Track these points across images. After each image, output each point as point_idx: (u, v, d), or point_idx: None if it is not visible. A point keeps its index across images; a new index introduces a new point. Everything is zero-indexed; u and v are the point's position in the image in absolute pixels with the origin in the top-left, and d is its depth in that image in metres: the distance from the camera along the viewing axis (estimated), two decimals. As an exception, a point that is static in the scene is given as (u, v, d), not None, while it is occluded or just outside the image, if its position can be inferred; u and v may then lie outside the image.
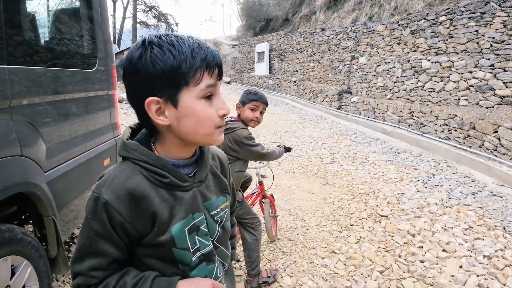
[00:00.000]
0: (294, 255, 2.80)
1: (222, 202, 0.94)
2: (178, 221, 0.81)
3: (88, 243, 0.77)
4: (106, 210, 0.75)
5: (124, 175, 0.79)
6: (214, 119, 0.80)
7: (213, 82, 0.79)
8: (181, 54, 0.76)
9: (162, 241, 0.80)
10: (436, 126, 6.57)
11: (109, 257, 0.78)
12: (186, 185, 0.84)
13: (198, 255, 0.86)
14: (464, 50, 7.22)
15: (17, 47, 1.70)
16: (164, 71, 0.76)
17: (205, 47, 0.80)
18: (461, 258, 2.74)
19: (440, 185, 4.38)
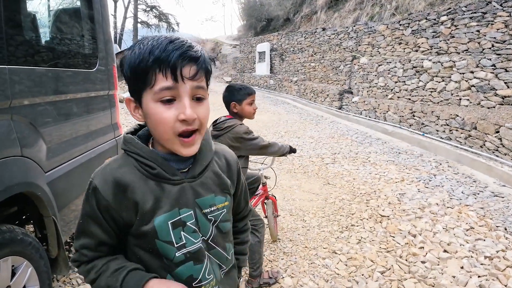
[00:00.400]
0: (295, 256, 2.80)
1: (219, 201, 0.92)
2: (162, 213, 0.82)
3: (81, 222, 0.84)
4: (95, 194, 0.81)
5: (115, 164, 0.84)
6: (171, 124, 0.77)
7: (170, 85, 0.75)
8: (142, 52, 0.76)
9: (145, 231, 0.81)
10: (437, 126, 6.56)
11: (96, 239, 0.83)
12: (175, 178, 0.84)
13: (183, 251, 0.85)
14: (466, 50, 7.21)
15: (17, 47, 1.70)
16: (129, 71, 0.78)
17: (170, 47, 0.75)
18: (462, 258, 2.73)
19: (441, 185, 4.37)
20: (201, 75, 0.80)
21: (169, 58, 0.74)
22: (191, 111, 0.77)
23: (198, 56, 0.78)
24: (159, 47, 0.75)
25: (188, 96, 0.77)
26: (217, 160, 0.96)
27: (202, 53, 0.80)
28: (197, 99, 0.80)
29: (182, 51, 0.75)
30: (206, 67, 0.81)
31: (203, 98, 0.82)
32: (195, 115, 0.78)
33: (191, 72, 0.77)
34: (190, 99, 0.78)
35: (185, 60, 0.76)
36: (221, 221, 0.93)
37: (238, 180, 1.02)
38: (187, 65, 0.76)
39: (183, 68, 0.75)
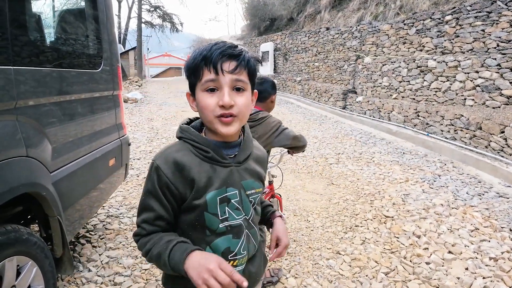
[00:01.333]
0: (299, 256, 2.79)
1: (257, 186, 1.07)
2: (213, 190, 0.96)
3: (143, 199, 0.99)
4: (156, 173, 0.96)
5: (174, 148, 1.00)
6: (212, 108, 0.93)
7: (212, 77, 0.92)
8: (195, 53, 0.96)
9: (197, 204, 0.96)
10: (442, 126, 6.53)
11: (155, 212, 0.97)
12: (224, 161, 1.00)
13: (225, 224, 0.99)
14: (470, 49, 7.17)
15: (22, 47, 1.70)
16: (186, 70, 0.99)
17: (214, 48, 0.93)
18: (467, 260, 2.72)
19: (446, 186, 4.35)
20: (241, 70, 0.94)
21: (212, 56, 0.91)
22: (228, 98, 0.91)
23: (238, 54, 0.94)
24: (206, 49, 0.94)
25: (228, 87, 0.92)
26: (255, 152, 1.12)
27: (243, 52, 0.96)
28: (237, 90, 0.95)
29: (222, 50, 0.92)
30: (247, 64, 0.96)
31: (243, 89, 0.96)
32: (232, 102, 0.92)
33: (231, 66, 0.92)
34: (230, 89, 0.93)
35: (224, 57, 0.92)
36: (257, 204, 1.10)
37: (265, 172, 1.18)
38: (226, 61, 0.92)
39: (223, 63, 0.92)
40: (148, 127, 7.97)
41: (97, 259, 2.64)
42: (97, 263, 2.59)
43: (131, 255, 2.72)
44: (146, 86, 18.33)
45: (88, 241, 2.88)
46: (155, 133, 7.29)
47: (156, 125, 8.16)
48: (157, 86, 18.71)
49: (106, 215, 3.37)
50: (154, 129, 7.70)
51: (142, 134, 7.14)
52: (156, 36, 26.80)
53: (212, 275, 0.82)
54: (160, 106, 11.52)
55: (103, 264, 2.59)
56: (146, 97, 13.56)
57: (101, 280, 2.40)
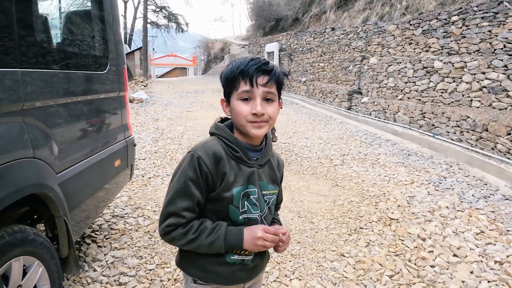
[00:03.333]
0: (303, 258, 2.79)
1: (271, 188, 1.21)
2: (239, 185, 1.11)
3: (183, 186, 1.07)
4: (198, 162, 1.07)
5: (213, 142, 1.12)
6: (245, 114, 1.07)
7: (248, 89, 1.06)
8: (233, 67, 1.10)
9: (225, 197, 1.09)
10: (448, 127, 6.49)
11: (196, 198, 1.07)
12: (250, 162, 1.14)
13: (244, 216, 1.12)
14: (477, 50, 7.12)
15: (29, 49, 1.72)
16: (224, 79, 1.13)
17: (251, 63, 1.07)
18: (472, 263, 2.70)
19: (451, 188, 4.32)
20: (271, 83, 1.08)
21: (249, 70, 1.06)
22: (260, 108, 1.06)
23: (270, 70, 1.08)
24: (243, 63, 1.08)
25: (260, 98, 1.07)
26: (273, 159, 1.26)
27: (274, 69, 1.09)
28: (267, 100, 1.09)
29: (258, 66, 1.06)
30: (277, 78, 1.10)
31: (272, 100, 1.10)
32: (264, 111, 1.07)
33: (263, 80, 1.07)
34: (262, 100, 1.07)
35: (259, 72, 1.06)
36: (272, 204, 1.23)
37: (281, 179, 1.32)
38: (261, 75, 1.07)
39: (257, 77, 1.06)
40: (153, 127, 8.00)
41: (102, 259, 2.66)
42: (102, 263, 2.61)
43: (136, 255, 2.73)
44: (152, 86, 18.39)
45: (94, 241, 2.90)
46: (160, 133, 7.31)
47: (161, 125, 8.19)
48: (163, 86, 18.76)
49: (111, 215, 3.39)
50: (159, 129, 7.72)
51: (147, 134, 7.16)
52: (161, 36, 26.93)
53: (264, 239, 1.07)
54: (165, 106, 11.56)
55: (108, 264, 2.61)
56: (152, 97, 13.61)
57: (106, 280, 2.42)
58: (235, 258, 1.14)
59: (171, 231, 1.07)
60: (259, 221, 1.16)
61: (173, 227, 1.07)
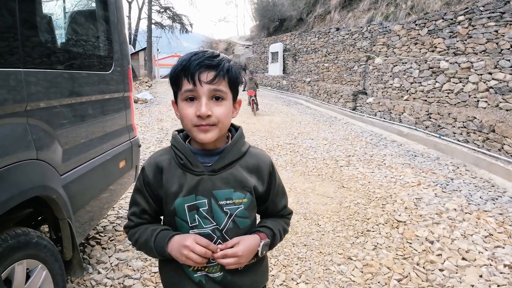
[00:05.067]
0: (310, 261, 2.75)
1: (237, 197, 1.04)
2: (181, 196, 1.00)
3: (132, 194, 1.10)
4: (142, 173, 1.06)
5: (159, 152, 1.09)
6: (190, 117, 0.95)
7: (190, 87, 0.94)
8: (177, 63, 0.98)
9: (169, 209, 1.03)
10: (454, 128, 6.43)
11: (140, 207, 1.07)
12: (196, 170, 1.01)
13: (195, 231, 1.02)
14: (483, 50, 7.06)
15: (33, 49, 1.69)
16: (170, 78, 1.02)
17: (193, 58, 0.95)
18: (481, 267, 2.65)
19: (459, 190, 4.27)
20: (219, 80, 0.95)
21: (190, 66, 0.94)
22: (205, 109, 0.93)
23: (216, 64, 0.94)
24: (186, 59, 0.96)
25: (206, 97, 0.94)
26: (247, 161, 1.08)
27: (222, 62, 0.96)
28: (216, 99, 0.96)
29: (200, 61, 0.93)
30: (226, 73, 0.96)
31: (222, 98, 0.97)
32: (209, 112, 0.94)
33: (208, 77, 0.93)
34: (208, 99, 0.94)
35: (202, 67, 0.93)
36: (238, 216, 1.04)
37: (270, 182, 1.13)
38: (204, 71, 0.93)
39: (200, 74, 0.93)
40: (157, 127, 7.99)
41: (107, 261, 2.63)
42: (107, 265, 2.58)
43: (140, 257, 2.71)
44: (156, 86, 18.42)
45: (98, 243, 2.88)
46: (165, 134, 7.30)
47: (165, 126, 8.18)
48: (167, 86, 18.70)
49: (116, 217, 3.37)
50: (163, 130, 7.71)
51: (151, 135, 7.15)
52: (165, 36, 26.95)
53: (190, 249, 0.94)
54: (170, 106, 11.53)
55: (113, 266, 2.58)
56: (156, 98, 13.62)
57: (110, 282, 2.39)
58: (198, 276, 1.04)
59: (126, 233, 1.11)
60: (218, 237, 1.02)
61: (127, 229, 1.10)
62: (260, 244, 1.05)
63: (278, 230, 1.14)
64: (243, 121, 9.14)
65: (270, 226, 1.12)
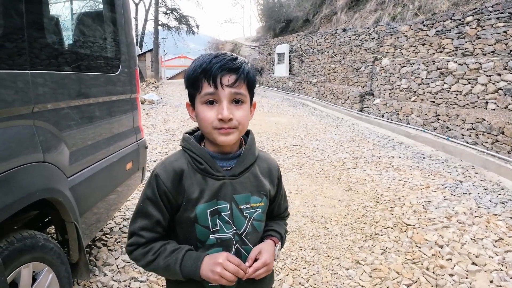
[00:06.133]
0: (317, 265, 2.71)
1: (254, 201, 1.04)
2: (203, 202, 0.97)
3: (141, 205, 1.00)
4: (156, 181, 0.99)
5: (174, 157, 1.03)
6: (211, 120, 0.94)
7: (212, 91, 0.92)
8: (195, 65, 0.95)
9: (189, 216, 0.98)
10: (462, 130, 6.36)
11: (154, 219, 0.98)
12: (217, 174, 1.00)
13: (216, 236, 1.00)
14: (492, 51, 6.98)
15: (40, 51, 1.68)
16: (186, 81, 0.99)
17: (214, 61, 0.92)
18: (492, 272, 2.61)
19: (468, 193, 4.21)
20: (240, 83, 0.94)
21: (211, 69, 0.91)
22: (227, 112, 0.92)
23: (237, 67, 0.93)
24: (206, 61, 0.93)
25: (227, 100, 0.93)
26: (260, 165, 1.09)
27: (242, 65, 0.95)
28: (236, 102, 0.95)
29: (222, 63, 0.92)
30: (246, 77, 0.96)
31: (242, 102, 0.97)
32: (231, 115, 0.93)
33: (230, 80, 0.93)
34: (229, 102, 0.94)
35: (224, 71, 0.92)
36: (255, 219, 1.05)
37: (279, 186, 1.16)
38: (226, 74, 0.92)
39: (222, 77, 0.92)
40: (164, 128, 7.99)
41: (113, 263, 2.62)
42: (113, 267, 2.57)
43: (146, 260, 2.69)
44: (162, 87, 18.47)
45: (105, 245, 2.87)
46: (171, 135, 7.29)
47: (172, 127, 8.17)
48: (173, 87, 18.82)
49: (122, 218, 3.36)
50: (170, 131, 7.71)
51: (158, 136, 7.16)
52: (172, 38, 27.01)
53: (224, 267, 0.91)
54: (176, 107, 11.55)
55: (119, 268, 2.57)
56: (163, 99, 13.64)
57: (116, 285, 2.38)
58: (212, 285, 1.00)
59: (133, 251, 1.00)
60: (236, 241, 1.02)
61: (135, 246, 1.00)
62: (276, 248, 1.09)
63: (284, 233, 1.19)
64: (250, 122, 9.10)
65: (277, 230, 1.16)
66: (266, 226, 1.15)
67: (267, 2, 27.11)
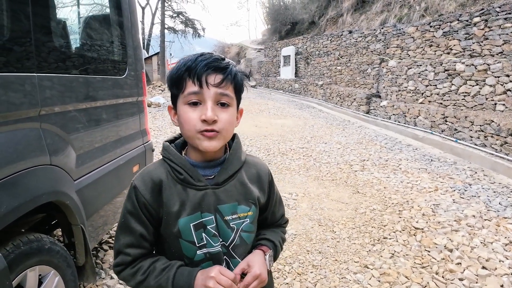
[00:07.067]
0: (325, 269, 2.68)
1: (242, 210, 0.97)
2: (186, 215, 0.91)
3: (123, 221, 0.93)
4: (135, 193, 0.92)
5: (152, 167, 0.96)
6: (194, 123, 0.87)
7: (196, 90, 0.87)
8: (180, 63, 0.91)
9: (171, 231, 0.91)
10: (471, 132, 6.29)
11: (137, 234, 0.92)
12: (199, 184, 0.93)
13: (204, 251, 0.93)
14: (500, 52, 6.92)
15: (46, 54, 1.69)
16: (169, 80, 0.93)
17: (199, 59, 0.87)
18: (502, 276, 2.56)
19: (477, 195, 4.15)
20: (227, 84, 0.89)
21: (196, 67, 0.86)
22: (212, 113, 0.86)
23: (224, 67, 0.88)
24: (191, 59, 0.88)
25: (212, 101, 0.87)
26: (247, 170, 1.02)
27: (230, 66, 0.90)
28: (222, 105, 0.89)
29: (208, 62, 0.87)
30: (234, 78, 0.90)
31: (228, 105, 0.90)
32: (215, 117, 0.87)
33: (216, 80, 0.87)
34: (214, 104, 0.88)
35: (210, 69, 0.87)
36: (243, 230, 0.98)
37: (270, 192, 1.08)
38: (212, 73, 0.87)
39: (208, 76, 0.87)
40: (170, 131, 8.01)
41: (119, 266, 2.61)
42: (119, 271, 2.56)
43: (153, 263, 2.68)
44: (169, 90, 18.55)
45: (111, 247, 2.86)
46: (177, 138, 7.31)
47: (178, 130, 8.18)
48: (179, 90, 18.87)
49: (128, 221, 3.35)
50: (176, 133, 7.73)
51: (164, 139, 7.17)
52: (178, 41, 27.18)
53: (217, 281, 0.85)
54: (182, 110, 11.61)
55: (125, 271, 2.56)
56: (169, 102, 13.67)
57: (122, 288, 2.38)
58: None
59: (121, 271, 0.93)
60: (224, 254, 0.96)
61: (122, 266, 0.93)
62: (266, 258, 1.01)
63: (279, 241, 1.10)
64: (255, 125, 9.11)
65: (270, 238, 1.08)
66: (259, 235, 1.09)
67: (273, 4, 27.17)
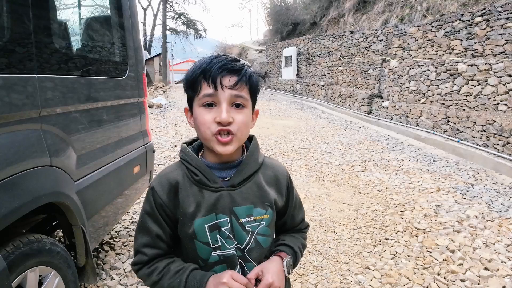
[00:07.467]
0: (326, 270, 2.68)
1: (257, 213, 0.96)
2: (201, 216, 0.92)
3: (141, 221, 0.96)
4: (152, 194, 0.94)
5: (169, 169, 0.99)
6: (208, 125, 0.88)
7: (211, 92, 0.87)
8: (195, 66, 0.92)
9: (186, 232, 0.93)
10: (473, 132, 6.27)
11: (154, 234, 0.94)
12: (214, 186, 0.93)
13: (218, 253, 0.94)
14: (502, 52, 6.89)
15: (47, 55, 1.69)
16: (185, 82, 0.94)
17: (214, 61, 0.88)
18: (504, 277, 2.54)
19: (479, 196, 4.14)
20: (241, 85, 0.89)
21: (211, 69, 0.87)
22: (226, 115, 0.86)
23: (239, 68, 0.89)
24: (206, 61, 0.90)
25: (227, 102, 0.87)
26: (264, 173, 1.02)
27: (245, 67, 0.90)
28: (237, 106, 0.90)
29: (223, 63, 0.87)
30: (249, 79, 0.91)
31: (243, 106, 0.90)
32: (230, 119, 0.87)
33: (231, 81, 0.88)
34: (229, 105, 0.88)
35: (224, 71, 0.87)
36: (259, 233, 0.97)
37: (289, 195, 1.07)
38: (227, 75, 0.88)
39: (222, 78, 0.87)
40: (172, 132, 8.01)
41: (120, 266, 2.61)
42: (120, 271, 2.56)
43: (154, 264, 2.68)
44: (170, 91, 18.54)
45: (112, 248, 2.87)
46: (179, 138, 7.31)
47: (180, 130, 8.19)
48: (181, 91, 18.81)
49: (130, 222, 3.36)
50: (178, 134, 7.73)
51: (166, 139, 7.17)
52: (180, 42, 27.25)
53: (228, 286, 0.85)
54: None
55: (126, 272, 2.56)
56: (171, 103, 13.69)
57: (123, 289, 2.37)
58: None
59: (138, 270, 0.96)
60: (239, 257, 0.95)
61: (140, 265, 0.95)
62: (284, 264, 1.00)
63: (298, 247, 1.08)
64: (257, 126, 9.11)
65: (290, 244, 1.06)
66: (278, 240, 1.08)
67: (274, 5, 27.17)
